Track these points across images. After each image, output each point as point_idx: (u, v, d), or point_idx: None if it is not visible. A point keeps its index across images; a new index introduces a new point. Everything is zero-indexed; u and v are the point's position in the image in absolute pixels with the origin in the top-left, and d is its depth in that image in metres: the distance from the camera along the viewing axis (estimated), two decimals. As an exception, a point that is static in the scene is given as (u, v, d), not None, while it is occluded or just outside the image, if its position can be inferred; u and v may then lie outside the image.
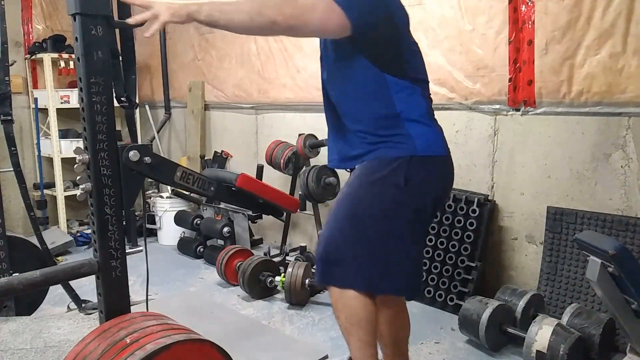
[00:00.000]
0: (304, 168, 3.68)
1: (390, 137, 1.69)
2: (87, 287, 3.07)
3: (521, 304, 2.61)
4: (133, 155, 1.65)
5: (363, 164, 1.76)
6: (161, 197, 4.57)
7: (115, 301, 1.66)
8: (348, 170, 1.97)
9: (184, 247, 4.29)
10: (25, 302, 2.83)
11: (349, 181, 1.79)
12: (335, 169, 3.63)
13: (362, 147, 1.75)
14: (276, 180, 4.08)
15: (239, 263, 3.39)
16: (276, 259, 3.56)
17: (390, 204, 1.68)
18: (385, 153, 1.70)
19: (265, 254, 3.66)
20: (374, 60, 1.66)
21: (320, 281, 1.77)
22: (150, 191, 4.90)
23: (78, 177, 1.62)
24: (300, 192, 3.62)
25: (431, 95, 1.83)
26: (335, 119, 1.91)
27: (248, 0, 1.48)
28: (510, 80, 2.90)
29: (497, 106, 3.01)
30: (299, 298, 3.12)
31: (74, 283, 2.77)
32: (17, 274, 2.09)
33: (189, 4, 1.49)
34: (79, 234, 4.63)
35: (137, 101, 2.19)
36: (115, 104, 1.65)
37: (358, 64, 1.69)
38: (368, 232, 1.68)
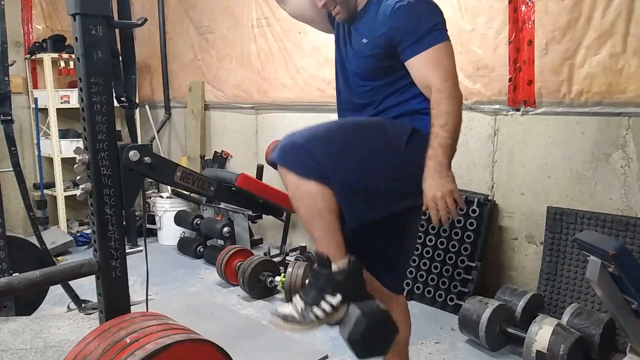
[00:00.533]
0: (304, 168, 3.67)
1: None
2: (87, 287, 3.07)
3: (521, 304, 2.61)
4: (133, 155, 1.65)
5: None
6: (161, 197, 4.57)
7: (115, 301, 1.66)
8: None
9: (184, 247, 4.29)
10: (25, 302, 2.83)
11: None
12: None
13: None
14: (276, 180, 4.06)
15: (239, 263, 3.39)
16: (276, 259, 3.56)
17: (382, 144, 1.64)
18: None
19: (265, 254, 3.66)
20: None
21: (279, 161, 1.61)
22: (150, 191, 4.90)
23: (78, 177, 1.62)
24: (300, 192, 3.62)
25: None
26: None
27: (451, 127, 1.58)
28: (510, 80, 2.90)
29: (497, 106, 3.01)
30: (299, 298, 3.12)
31: (74, 283, 2.76)
32: (17, 274, 2.09)
33: (439, 171, 1.56)
34: (79, 234, 4.63)
35: (137, 101, 2.19)
36: (115, 104, 1.65)
37: (404, 70, 1.69)
38: (348, 144, 1.61)
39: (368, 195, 1.64)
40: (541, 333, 2.28)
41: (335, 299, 1.56)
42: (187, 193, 4.40)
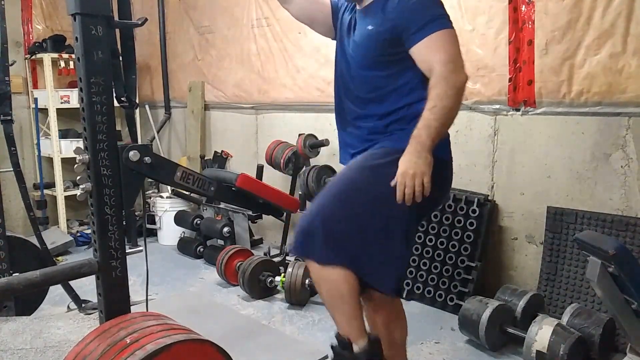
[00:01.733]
0: (304, 168, 3.68)
1: (401, 130, 1.73)
2: (87, 287, 3.07)
3: (521, 304, 2.61)
4: (133, 155, 1.65)
5: (367, 151, 1.76)
6: (161, 197, 4.57)
7: (115, 301, 1.66)
8: None
9: (184, 247, 4.29)
10: (25, 302, 2.83)
11: (347, 164, 1.78)
12: (336, 169, 3.63)
13: (372, 140, 1.79)
14: (276, 180, 4.08)
15: (239, 263, 3.39)
16: (276, 259, 3.56)
17: (387, 191, 1.65)
18: (391, 144, 1.72)
19: (265, 254, 3.66)
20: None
21: (299, 253, 1.69)
22: (150, 191, 4.90)
23: (78, 177, 1.62)
24: (300, 192, 3.62)
25: None
26: (352, 116, 1.88)
27: (439, 109, 1.60)
28: (510, 80, 2.90)
29: (497, 106, 3.01)
30: (299, 298, 3.12)
31: (74, 283, 2.77)
32: (17, 274, 2.08)
33: (418, 151, 1.60)
34: (79, 234, 4.63)
35: (137, 101, 2.19)
36: (115, 104, 1.65)
37: (407, 62, 1.72)
38: (358, 212, 1.65)
39: (398, 249, 1.70)
40: (541, 333, 2.28)
41: None
42: (187, 193, 4.40)
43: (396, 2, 1.68)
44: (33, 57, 4.78)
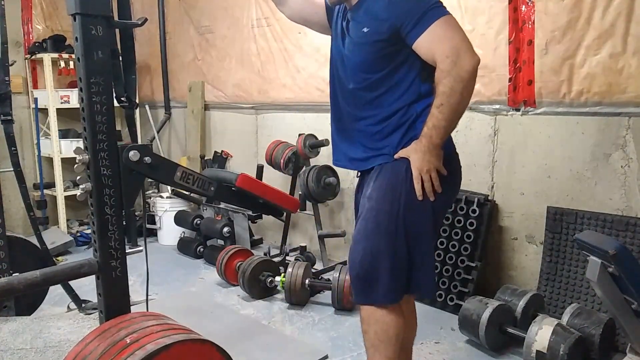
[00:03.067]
0: (304, 168, 3.68)
1: (410, 135, 1.73)
2: (87, 287, 3.07)
3: (521, 304, 2.61)
4: (133, 155, 1.65)
5: (382, 168, 1.75)
6: (161, 197, 4.57)
7: (115, 301, 1.66)
8: (357, 175, 1.95)
9: (184, 247, 4.29)
10: (25, 302, 2.83)
11: (368, 191, 1.77)
12: (336, 169, 3.63)
13: (373, 149, 1.78)
14: (276, 180, 4.08)
15: (239, 263, 3.39)
16: (276, 259, 3.56)
17: (416, 211, 1.69)
18: (395, 161, 1.74)
19: (265, 254, 3.66)
20: (418, 60, 1.70)
21: (359, 301, 1.77)
22: (150, 191, 4.90)
23: (78, 177, 1.62)
24: (300, 192, 3.62)
25: None
26: (348, 120, 1.86)
27: (446, 107, 1.62)
28: (510, 80, 2.90)
29: (497, 106, 3.01)
30: (299, 298, 3.12)
31: (74, 283, 2.76)
32: (17, 274, 2.08)
33: (430, 150, 1.65)
34: (79, 234, 4.62)
35: (137, 101, 2.19)
36: (115, 104, 1.65)
37: (401, 57, 1.70)
38: (400, 241, 1.69)
39: (432, 253, 1.78)
40: (541, 333, 2.28)
41: None
42: (187, 193, 4.40)
43: (387, 1, 1.64)
44: (33, 57, 4.78)
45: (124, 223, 1.67)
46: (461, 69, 1.57)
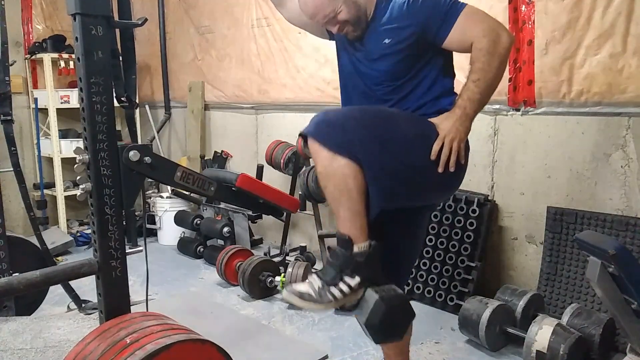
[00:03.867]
0: (304, 168, 3.68)
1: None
2: (87, 287, 3.07)
3: (521, 304, 2.61)
4: (133, 155, 1.65)
5: None
6: (161, 197, 4.57)
7: (115, 301, 1.66)
8: None
9: (184, 247, 4.29)
10: (25, 302, 2.83)
11: None
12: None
13: None
14: (276, 180, 4.08)
15: (239, 263, 3.39)
16: (276, 259, 3.56)
17: (418, 136, 1.64)
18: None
19: (265, 254, 3.66)
20: (443, 56, 1.73)
21: (312, 134, 1.58)
22: (150, 191, 4.90)
23: (78, 177, 1.62)
24: (300, 192, 3.62)
25: None
26: None
27: (483, 82, 1.63)
28: (510, 80, 2.90)
29: (497, 106, 3.01)
30: (299, 298, 3.12)
31: (74, 283, 2.76)
32: (17, 274, 2.08)
33: (463, 120, 1.67)
34: (79, 234, 4.62)
35: (137, 101, 2.18)
36: (115, 104, 1.65)
37: (424, 58, 1.72)
38: (385, 128, 1.60)
39: (396, 181, 1.63)
40: (541, 333, 2.28)
41: (354, 281, 1.54)
42: (187, 193, 4.40)
43: (405, 8, 1.66)
44: (33, 57, 4.78)
45: (124, 223, 1.67)
46: (500, 46, 1.62)
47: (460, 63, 1.88)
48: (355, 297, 1.56)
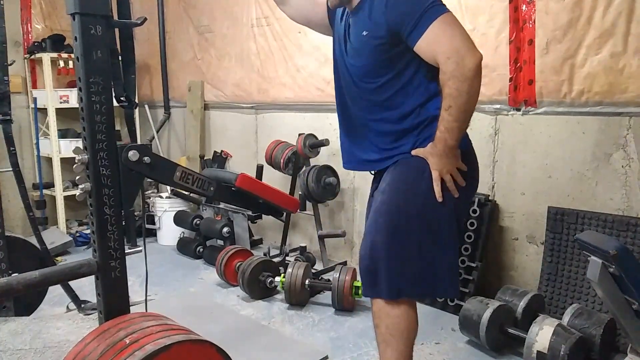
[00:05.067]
0: (304, 168, 3.67)
1: (425, 135, 1.72)
2: (86, 287, 3.07)
3: (522, 304, 2.60)
4: (132, 155, 1.64)
5: (398, 163, 1.75)
6: (160, 197, 4.57)
7: (114, 301, 1.65)
8: (372, 172, 1.95)
9: (184, 247, 4.28)
10: (25, 302, 2.82)
11: (382, 185, 1.76)
12: (336, 169, 3.63)
13: (387, 149, 1.78)
14: (276, 180, 4.07)
15: (239, 263, 3.39)
16: (276, 259, 3.55)
17: (430, 203, 1.67)
18: (413, 158, 1.73)
19: (265, 254, 3.65)
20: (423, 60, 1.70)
21: (367, 294, 1.73)
22: (149, 191, 4.89)
23: (77, 177, 1.62)
24: (300, 192, 3.62)
25: None
26: (358, 123, 1.85)
27: (455, 109, 1.61)
28: (510, 79, 2.90)
29: (498, 106, 3.00)
30: (298, 298, 3.12)
31: (73, 283, 2.76)
32: (16, 274, 2.07)
33: (447, 153, 1.67)
34: (78, 234, 4.62)
35: (136, 101, 2.19)
36: (115, 103, 1.65)
37: (406, 58, 1.69)
38: (412, 238, 1.67)
39: (453, 252, 1.75)
40: (542, 333, 2.27)
41: None
42: (186, 193, 4.39)
43: (384, 4, 1.62)
44: (32, 56, 4.77)
45: (123, 223, 1.67)
46: (464, 69, 1.55)
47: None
48: None
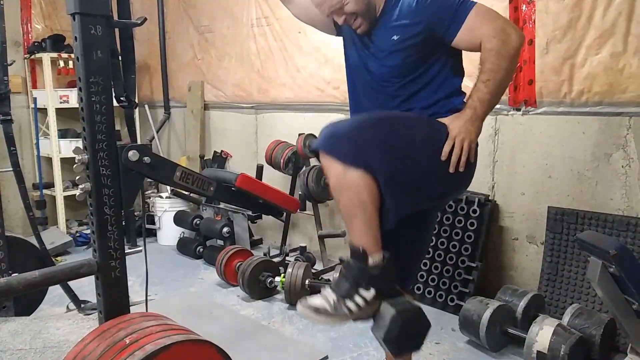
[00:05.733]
0: (304, 168, 3.67)
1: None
2: (86, 287, 3.06)
3: (522, 304, 2.60)
4: (132, 155, 1.64)
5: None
6: (160, 197, 4.57)
7: (114, 301, 1.66)
8: None
9: (184, 247, 4.28)
10: (25, 302, 2.82)
11: None
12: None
13: None
14: (276, 180, 4.07)
15: (239, 263, 3.39)
16: (276, 259, 3.55)
17: (429, 140, 1.63)
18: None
19: (265, 254, 3.65)
20: (453, 54, 1.73)
21: (323, 147, 1.56)
22: (149, 191, 4.89)
23: (77, 177, 1.62)
24: (300, 192, 3.62)
25: None
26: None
27: (492, 83, 1.62)
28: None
29: (498, 106, 2.96)
30: (299, 298, 3.11)
31: (73, 283, 2.76)
32: (16, 274, 2.08)
33: (473, 120, 1.64)
34: (78, 234, 4.62)
35: (136, 101, 2.19)
36: (115, 103, 1.65)
37: (434, 56, 1.72)
38: (396, 135, 1.58)
39: (411, 187, 1.63)
40: (542, 333, 2.27)
41: (369, 294, 1.52)
42: (186, 193, 4.39)
43: (414, 5, 1.66)
44: (32, 56, 4.77)
45: (123, 223, 1.67)
46: (509, 46, 1.61)
47: (469, 71, 1.88)
48: (371, 309, 1.54)
